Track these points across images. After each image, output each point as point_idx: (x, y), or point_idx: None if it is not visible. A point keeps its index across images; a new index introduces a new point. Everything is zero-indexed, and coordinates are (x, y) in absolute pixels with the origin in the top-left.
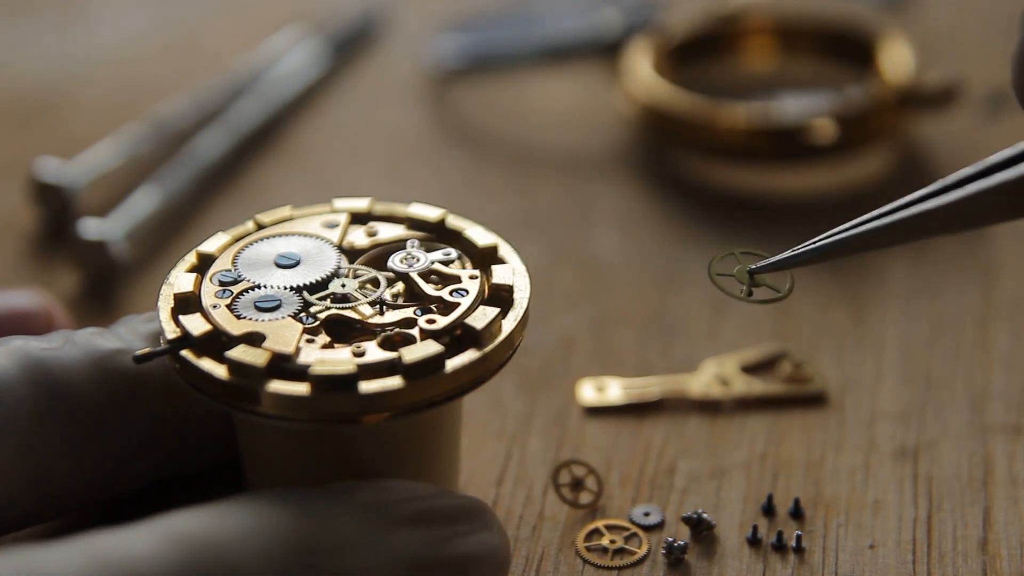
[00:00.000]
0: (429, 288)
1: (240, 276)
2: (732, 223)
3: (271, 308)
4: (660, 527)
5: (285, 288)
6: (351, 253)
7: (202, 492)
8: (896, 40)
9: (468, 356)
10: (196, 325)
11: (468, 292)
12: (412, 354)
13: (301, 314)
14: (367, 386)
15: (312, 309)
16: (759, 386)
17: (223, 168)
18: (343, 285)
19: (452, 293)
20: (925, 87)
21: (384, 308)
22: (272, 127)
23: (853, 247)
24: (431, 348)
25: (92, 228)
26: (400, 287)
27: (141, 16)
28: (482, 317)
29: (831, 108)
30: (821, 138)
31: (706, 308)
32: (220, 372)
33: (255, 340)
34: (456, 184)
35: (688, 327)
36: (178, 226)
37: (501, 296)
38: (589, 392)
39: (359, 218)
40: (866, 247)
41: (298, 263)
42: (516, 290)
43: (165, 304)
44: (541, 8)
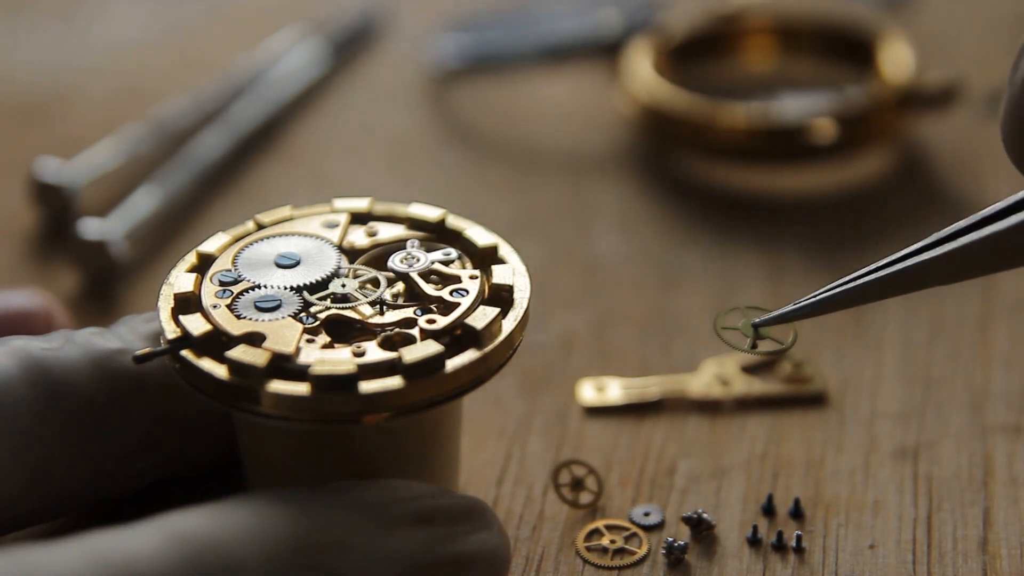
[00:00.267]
0: (429, 288)
1: (240, 276)
2: (732, 223)
3: (271, 308)
4: (660, 527)
5: (285, 288)
6: (351, 253)
7: (202, 492)
8: (896, 40)
9: (468, 356)
10: (196, 325)
11: (468, 292)
12: (412, 354)
13: (301, 314)
14: (367, 386)
15: (312, 309)
16: (759, 386)
17: (223, 168)
18: (343, 285)
19: (452, 293)
20: (925, 87)
21: (384, 308)
22: (272, 127)
23: (853, 299)
24: (431, 348)
25: (92, 228)
26: (400, 287)
27: (141, 16)
28: (482, 317)
29: (831, 108)
30: (821, 138)
31: (706, 308)
32: (220, 372)
33: (255, 340)
34: (456, 184)
35: (688, 327)
36: (178, 226)
37: (501, 296)
38: (589, 392)
39: (359, 218)
40: (866, 299)
41: (298, 263)
42: (516, 290)
43: (165, 304)
44: (541, 8)
